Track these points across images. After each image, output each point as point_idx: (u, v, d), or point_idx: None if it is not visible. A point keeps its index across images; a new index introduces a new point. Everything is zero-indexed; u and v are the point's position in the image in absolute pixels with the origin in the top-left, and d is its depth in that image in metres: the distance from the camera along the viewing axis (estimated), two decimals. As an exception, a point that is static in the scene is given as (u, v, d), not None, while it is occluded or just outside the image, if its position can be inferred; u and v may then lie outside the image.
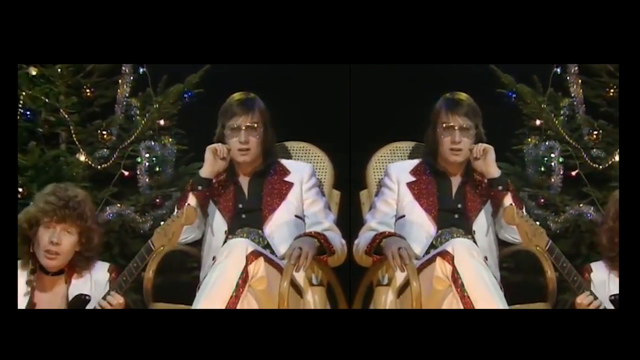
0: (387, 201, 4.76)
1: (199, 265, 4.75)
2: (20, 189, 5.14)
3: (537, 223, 4.56)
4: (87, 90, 5.32)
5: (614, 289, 4.38)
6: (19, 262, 4.31)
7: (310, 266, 4.45)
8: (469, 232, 4.65)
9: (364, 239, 4.63)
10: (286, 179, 4.76)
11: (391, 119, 5.29)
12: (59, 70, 5.30)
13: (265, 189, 4.73)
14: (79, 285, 4.35)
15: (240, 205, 4.70)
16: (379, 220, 4.71)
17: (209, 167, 4.65)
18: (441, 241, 4.58)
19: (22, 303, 4.29)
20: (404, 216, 4.71)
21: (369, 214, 4.79)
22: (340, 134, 5.29)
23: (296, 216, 4.71)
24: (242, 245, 4.34)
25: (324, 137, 5.14)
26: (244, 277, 4.26)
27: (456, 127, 4.63)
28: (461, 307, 4.23)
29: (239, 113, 4.63)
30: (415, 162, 4.84)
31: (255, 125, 4.64)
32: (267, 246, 4.59)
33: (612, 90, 5.37)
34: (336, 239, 4.63)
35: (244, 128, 4.62)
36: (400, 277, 4.47)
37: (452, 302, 4.28)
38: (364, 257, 4.58)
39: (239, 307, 4.22)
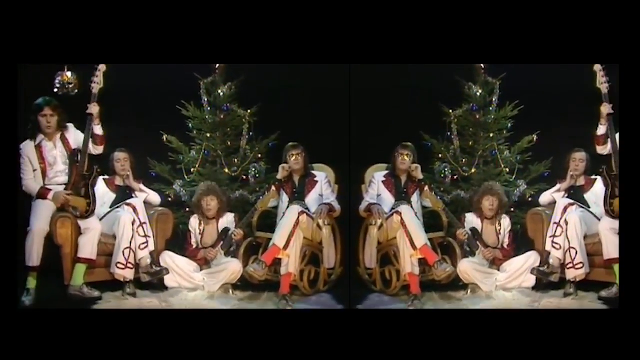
0: (373, 189, 4.55)
1: (276, 216, 4.51)
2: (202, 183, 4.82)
3: (439, 198, 4.44)
4: (228, 142, 5.06)
5: (473, 225, 4.28)
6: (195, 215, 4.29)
7: (325, 217, 4.27)
8: (409, 202, 4.43)
9: (363, 205, 4.50)
10: (315, 179, 4.59)
11: (374, 147, 4.66)
12: (217, 134, 5.02)
13: (306, 183, 4.55)
14: (223, 223, 4.37)
15: (294, 190, 4.54)
16: (369, 197, 4.53)
17: (281, 173, 4.55)
18: (397, 206, 4.33)
19: (197, 233, 4.26)
20: (380, 195, 4.52)
21: (365, 195, 4.60)
22: (344, 157, 4.67)
23: (319, 195, 4.53)
24: (296, 208, 4.24)
25: (335, 160, 4.66)
26: (297, 222, 4.14)
27: (405, 155, 4.48)
28: (405, 236, 4.04)
29: (293, 151, 4.53)
30: (386, 172, 4.62)
31: (299, 155, 4.52)
32: (307, 208, 4.38)
33: (471, 142, 4.96)
34: (337, 206, 4.50)
35: (294, 155, 4.52)
36: (379, 222, 4.26)
37: (401, 234, 4.10)
38: (363, 213, 4.47)
39: (294, 236, 4.06)
